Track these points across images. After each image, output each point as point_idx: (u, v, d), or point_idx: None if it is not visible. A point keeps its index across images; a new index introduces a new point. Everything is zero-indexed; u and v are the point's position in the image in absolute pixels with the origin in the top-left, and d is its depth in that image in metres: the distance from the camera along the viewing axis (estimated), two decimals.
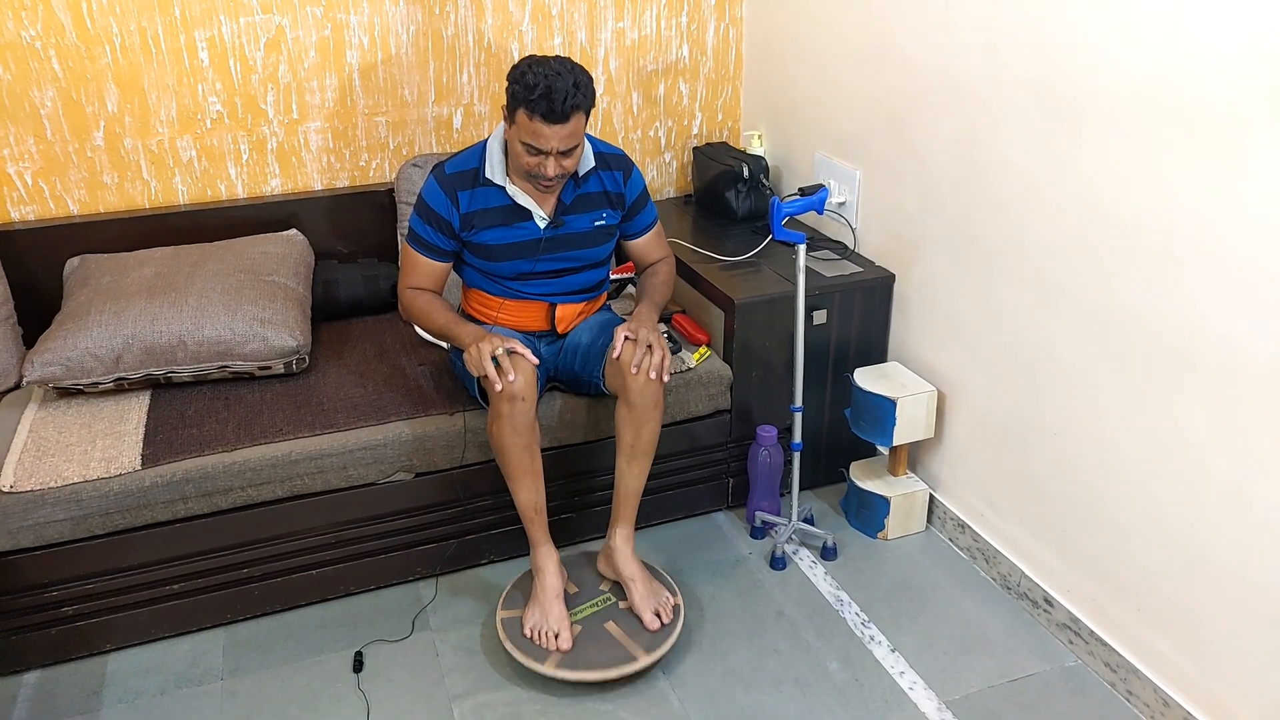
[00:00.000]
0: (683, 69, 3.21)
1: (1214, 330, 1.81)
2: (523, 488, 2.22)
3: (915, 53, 2.45)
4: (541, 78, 2.03)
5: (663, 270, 2.49)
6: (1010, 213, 2.25)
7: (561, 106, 2.03)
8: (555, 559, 2.28)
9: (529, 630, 2.21)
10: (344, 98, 2.89)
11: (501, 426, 2.14)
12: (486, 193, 2.25)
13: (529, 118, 2.06)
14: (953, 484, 2.62)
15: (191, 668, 2.26)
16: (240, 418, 2.34)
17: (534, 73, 2.04)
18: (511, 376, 2.09)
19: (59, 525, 2.13)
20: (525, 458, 2.18)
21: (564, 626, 2.19)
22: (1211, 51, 1.72)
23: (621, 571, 2.30)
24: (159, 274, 2.51)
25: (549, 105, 2.03)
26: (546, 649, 2.17)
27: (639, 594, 2.26)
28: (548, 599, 2.22)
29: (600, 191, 2.34)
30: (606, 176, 2.33)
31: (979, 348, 2.42)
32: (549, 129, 2.06)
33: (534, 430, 2.18)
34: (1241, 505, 1.82)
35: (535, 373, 2.16)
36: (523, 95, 2.05)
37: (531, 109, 2.05)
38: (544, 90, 2.02)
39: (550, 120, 2.05)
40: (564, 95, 2.03)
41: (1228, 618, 1.89)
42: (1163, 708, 2.05)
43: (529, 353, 2.16)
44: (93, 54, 2.62)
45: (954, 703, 2.14)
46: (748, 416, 2.66)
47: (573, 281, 2.39)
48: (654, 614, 2.24)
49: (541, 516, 2.26)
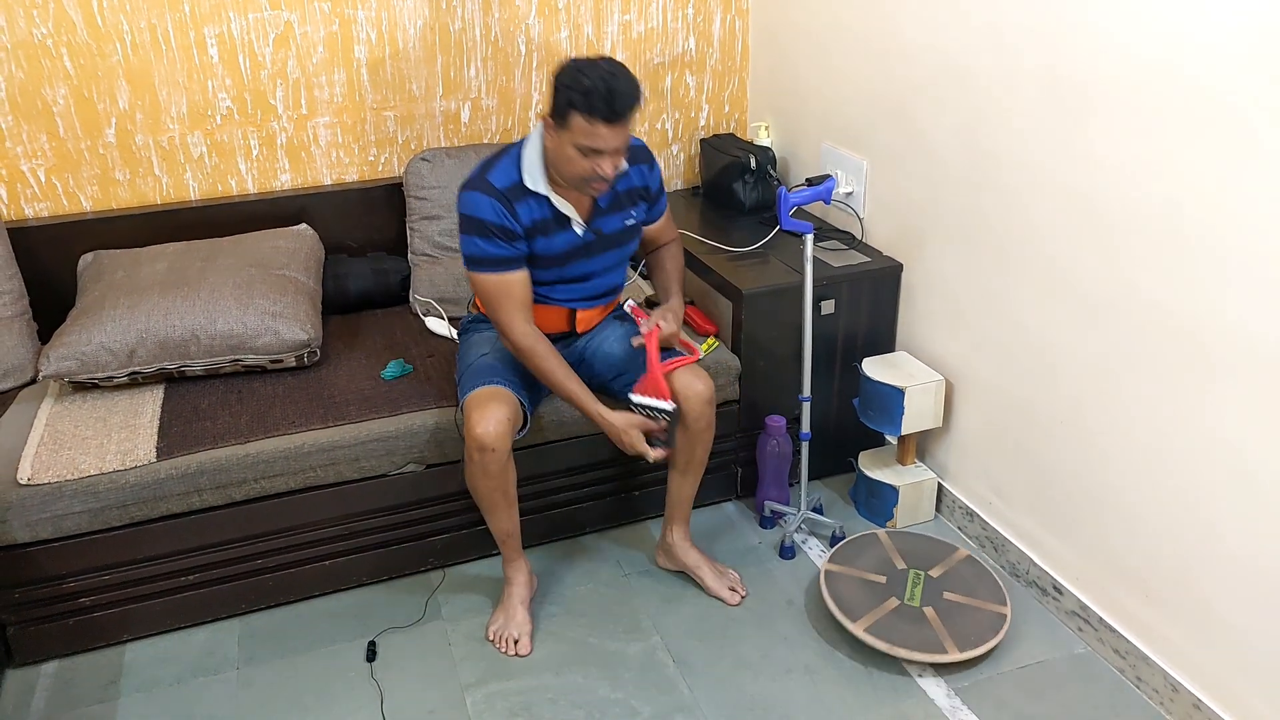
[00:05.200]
0: (689, 61, 3.22)
1: (1223, 317, 1.81)
2: (495, 520, 2.28)
3: (921, 42, 2.45)
4: (599, 79, 1.98)
5: (677, 253, 2.48)
6: (1018, 201, 2.25)
7: (622, 107, 2.01)
8: (525, 571, 2.38)
9: (492, 634, 2.32)
10: (352, 93, 2.90)
11: (473, 471, 2.18)
12: (532, 203, 2.18)
13: (588, 120, 2.00)
14: (961, 473, 2.63)
15: (207, 657, 2.28)
16: (253, 410, 2.36)
17: (589, 75, 1.98)
18: (652, 458, 2.20)
19: (76, 517, 2.16)
20: (497, 496, 2.22)
21: (524, 633, 2.30)
22: (1220, 36, 1.72)
23: (685, 562, 2.48)
24: (171, 269, 2.53)
25: (610, 107, 1.99)
26: (505, 653, 2.28)
27: (710, 578, 2.45)
28: (512, 605, 2.34)
29: (631, 189, 2.29)
30: (635, 172, 2.29)
31: (987, 336, 2.43)
32: (609, 130, 2.02)
33: (505, 473, 2.19)
34: (1250, 492, 1.83)
35: (508, 426, 2.14)
36: (580, 99, 1.99)
37: (591, 111, 1.99)
38: (605, 92, 1.98)
39: (611, 121, 2.01)
40: (625, 96, 2.00)
41: (1237, 604, 1.90)
42: (1171, 693, 2.06)
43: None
44: (104, 51, 2.64)
45: (963, 690, 2.15)
46: (756, 407, 2.67)
47: (597, 285, 2.35)
48: (730, 590, 2.43)
49: (514, 539, 2.33)
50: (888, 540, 2.47)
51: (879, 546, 2.45)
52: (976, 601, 2.28)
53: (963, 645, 2.17)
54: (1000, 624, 2.22)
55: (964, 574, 2.36)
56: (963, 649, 2.16)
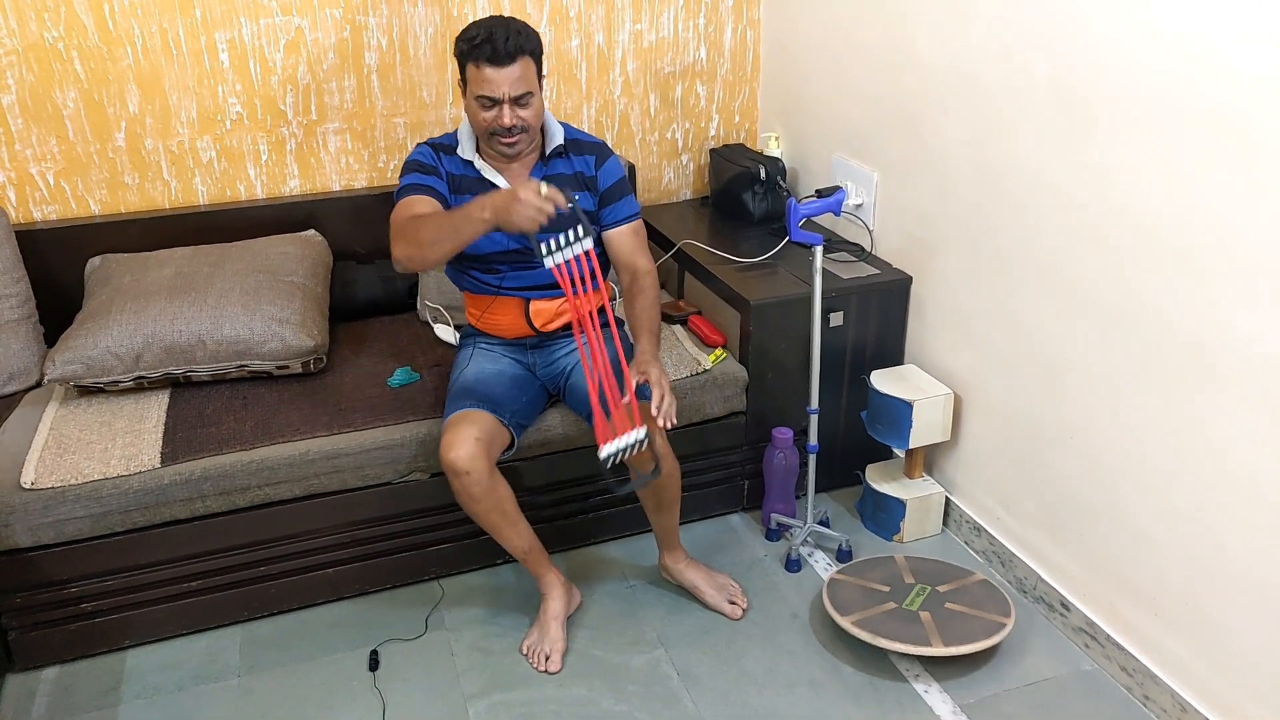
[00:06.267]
0: (700, 71, 3.22)
1: (1234, 332, 1.80)
2: (504, 539, 2.25)
3: (931, 54, 2.45)
4: (482, 27, 2.11)
5: (649, 290, 2.28)
6: (1027, 214, 2.24)
7: (505, 48, 2.08)
8: (558, 585, 2.33)
9: (525, 648, 2.29)
10: (362, 99, 2.90)
11: (459, 497, 2.17)
12: (461, 163, 2.28)
13: (477, 67, 2.11)
14: (969, 487, 2.61)
15: (209, 665, 2.27)
16: (258, 417, 2.36)
17: (474, 25, 2.13)
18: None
19: (79, 522, 2.15)
20: (494, 517, 2.20)
21: (556, 650, 2.26)
22: (1230, 49, 1.71)
23: (683, 583, 2.46)
24: (179, 274, 2.53)
25: (492, 48, 2.08)
26: (536, 668, 2.24)
27: (709, 595, 2.42)
28: (545, 621, 2.30)
29: (571, 174, 2.31)
30: (577, 160, 2.32)
31: (996, 350, 2.41)
32: (497, 73, 2.10)
33: (492, 494, 2.15)
34: (1262, 509, 1.81)
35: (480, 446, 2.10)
36: (466, 48, 2.12)
37: (477, 56, 2.10)
38: (485, 36, 2.09)
39: (496, 63, 2.09)
40: (505, 37, 2.09)
41: (1247, 623, 1.88)
42: (1180, 713, 2.04)
43: (561, 198, 1.92)
44: (114, 55, 2.65)
45: (969, 706, 2.13)
46: (763, 418, 2.66)
47: (545, 273, 2.23)
48: (730, 603, 2.41)
49: (535, 554, 2.29)
50: (902, 561, 2.45)
51: (892, 565, 2.44)
52: (978, 612, 2.25)
53: (949, 642, 2.15)
54: (997, 630, 2.19)
55: (974, 591, 2.33)
56: (949, 645, 2.14)
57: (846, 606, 2.27)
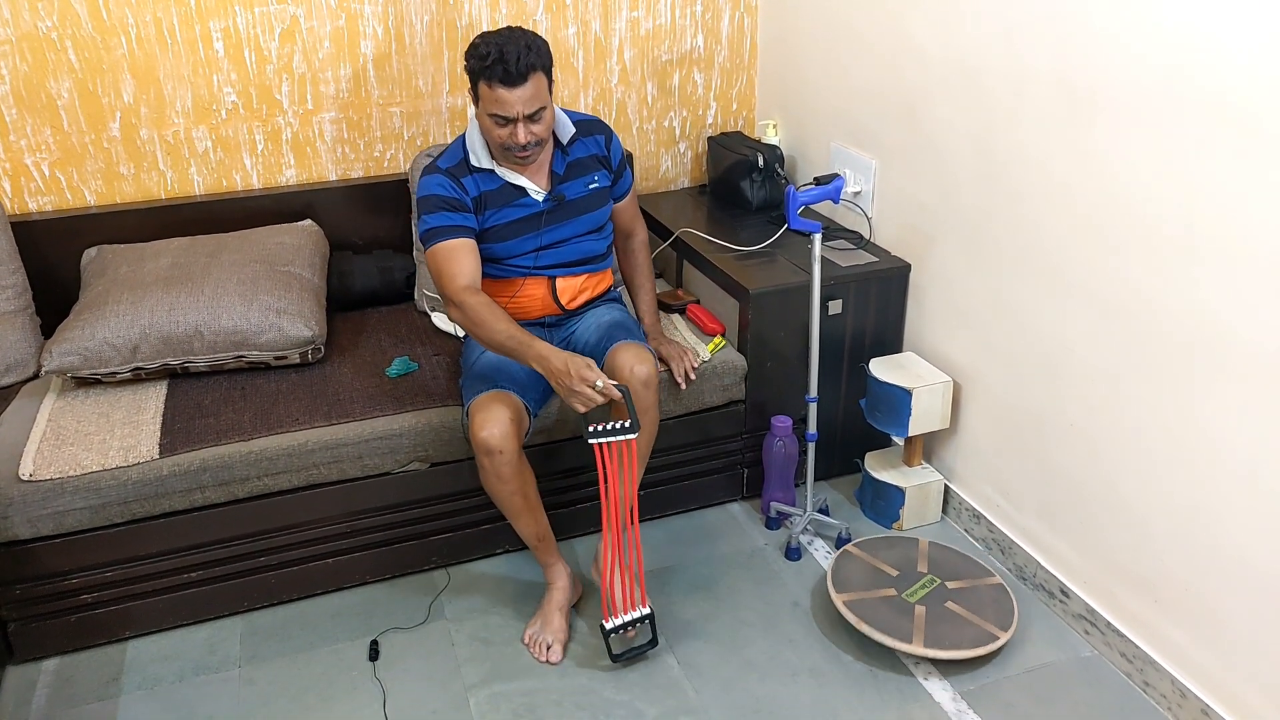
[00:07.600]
0: (697, 58, 3.20)
1: (1231, 322, 1.80)
2: (520, 524, 2.25)
3: (931, 42, 2.44)
4: (493, 45, 2.08)
5: (641, 252, 2.56)
6: (1027, 204, 2.23)
7: (517, 67, 2.07)
8: (564, 575, 2.33)
9: (528, 638, 2.28)
10: (358, 88, 2.89)
11: (486, 477, 2.16)
12: (481, 178, 2.27)
13: (489, 87, 2.10)
14: (968, 475, 2.61)
15: (209, 655, 2.27)
16: (256, 407, 2.35)
17: (485, 43, 2.09)
18: (601, 387, 2.03)
19: (78, 513, 2.15)
20: (517, 500, 2.19)
21: (558, 640, 2.26)
22: (1230, 41, 1.71)
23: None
24: (175, 264, 2.52)
25: (505, 69, 2.06)
26: (538, 658, 2.24)
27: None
28: (549, 611, 2.30)
29: (589, 156, 2.36)
30: (590, 141, 2.36)
31: (995, 338, 2.41)
32: (510, 93, 2.09)
33: (520, 475, 2.17)
34: (1260, 497, 1.81)
35: (513, 427, 2.11)
36: (478, 66, 2.10)
37: (489, 77, 2.09)
38: (497, 55, 2.06)
39: (509, 84, 2.08)
40: (517, 56, 2.06)
41: (1246, 610, 1.88)
42: (1180, 699, 2.04)
43: (613, 390, 2.05)
44: (109, 45, 2.63)
45: (969, 693, 2.14)
46: (762, 407, 2.66)
47: (572, 250, 2.37)
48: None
49: (547, 542, 2.30)
50: (925, 547, 2.44)
51: (912, 549, 2.43)
52: (975, 618, 2.22)
53: (930, 644, 2.14)
54: (986, 641, 2.16)
55: (982, 595, 2.29)
56: (929, 646, 2.14)
57: (846, 584, 2.28)
